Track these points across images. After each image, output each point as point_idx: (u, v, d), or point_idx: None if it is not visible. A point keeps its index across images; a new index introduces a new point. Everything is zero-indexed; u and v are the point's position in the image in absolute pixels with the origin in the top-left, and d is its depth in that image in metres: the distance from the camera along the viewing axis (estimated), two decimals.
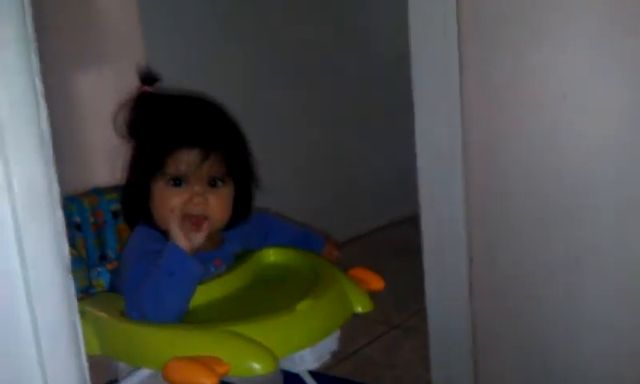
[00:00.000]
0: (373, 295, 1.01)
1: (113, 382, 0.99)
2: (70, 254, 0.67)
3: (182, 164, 0.98)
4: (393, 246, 2.47)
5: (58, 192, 0.65)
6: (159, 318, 0.89)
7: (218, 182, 1.02)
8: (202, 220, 0.98)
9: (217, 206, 1.01)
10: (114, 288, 1.06)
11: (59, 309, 0.65)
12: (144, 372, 0.93)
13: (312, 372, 1.10)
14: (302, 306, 0.91)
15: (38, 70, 0.62)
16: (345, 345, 0.98)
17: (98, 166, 1.39)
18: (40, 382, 0.63)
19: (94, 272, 1.06)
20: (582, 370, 1.30)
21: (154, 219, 1.02)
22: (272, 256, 1.13)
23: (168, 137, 1.00)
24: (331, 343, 0.93)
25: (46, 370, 0.63)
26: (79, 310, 0.68)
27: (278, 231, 1.20)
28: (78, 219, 1.07)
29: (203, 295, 0.96)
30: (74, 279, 0.67)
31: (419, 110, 1.38)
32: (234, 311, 0.94)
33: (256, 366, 0.82)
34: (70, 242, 0.88)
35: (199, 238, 0.96)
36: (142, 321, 0.90)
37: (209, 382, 0.78)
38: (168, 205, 0.98)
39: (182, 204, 0.98)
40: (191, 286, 0.94)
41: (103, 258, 1.11)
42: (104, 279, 1.08)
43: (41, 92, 0.62)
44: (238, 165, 1.04)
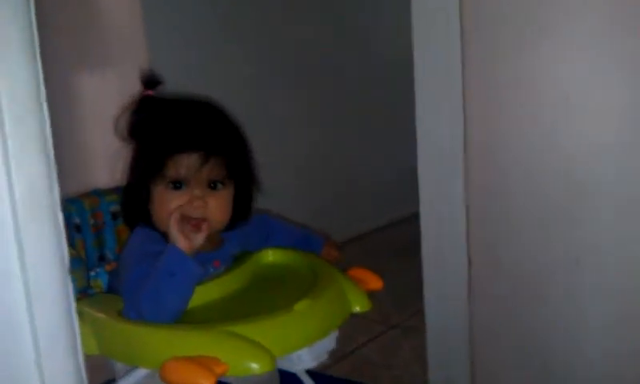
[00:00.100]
0: (371, 295, 1.01)
1: (110, 382, 0.99)
2: (69, 255, 0.67)
3: (182, 167, 0.98)
4: (392, 246, 2.47)
5: (58, 193, 0.65)
6: (157, 318, 0.89)
7: (218, 185, 1.02)
8: (201, 222, 0.98)
9: (216, 208, 1.01)
10: (113, 289, 1.06)
11: (58, 309, 0.66)
12: (141, 372, 0.93)
13: (310, 371, 1.10)
14: (299, 305, 0.91)
15: (40, 71, 0.62)
16: (343, 344, 0.99)
17: (99, 168, 1.40)
18: (37, 381, 0.63)
19: (93, 273, 1.06)
20: (581, 370, 1.30)
21: (153, 221, 1.02)
22: (271, 256, 1.13)
23: (168, 140, 1.00)
24: (329, 343, 0.93)
25: (43, 370, 0.64)
26: (77, 311, 0.68)
27: (279, 233, 1.20)
28: (77, 220, 1.07)
29: (202, 295, 0.96)
30: (72, 280, 0.67)
31: (421, 109, 1.38)
32: (232, 311, 0.94)
33: (254, 365, 0.82)
34: (69, 242, 0.88)
35: (199, 239, 0.96)
36: (139, 321, 0.90)
37: (207, 382, 0.77)
38: (168, 208, 0.99)
39: (181, 206, 0.98)
40: (191, 287, 0.94)
41: (102, 259, 1.11)
42: (102, 280, 1.08)
43: (43, 94, 0.63)
44: (238, 168, 1.04)
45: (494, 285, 1.37)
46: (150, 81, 1.05)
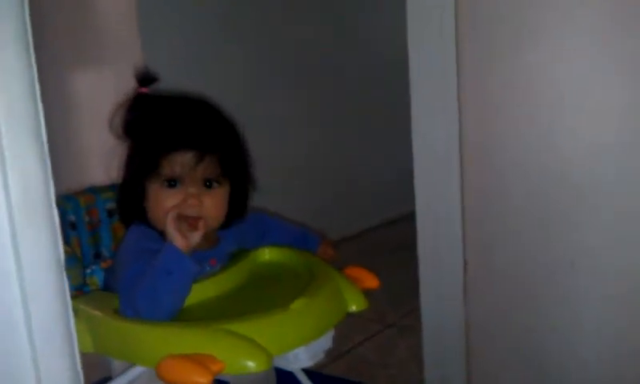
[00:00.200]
0: (367, 293, 1.01)
1: (106, 380, 0.99)
2: (65, 252, 0.67)
3: (176, 166, 0.98)
4: (391, 245, 2.47)
5: (53, 192, 0.65)
6: (153, 316, 0.89)
7: (213, 183, 1.02)
8: (198, 220, 0.98)
9: (211, 206, 1.01)
10: (108, 286, 1.06)
11: (53, 307, 0.66)
12: (137, 370, 0.93)
13: (306, 370, 1.10)
14: (296, 304, 0.91)
15: (36, 71, 0.62)
16: (339, 343, 0.99)
17: (94, 165, 1.40)
18: (33, 379, 0.63)
19: (89, 270, 1.07)
20: (576, 372, 1.30)
21: (149, 219, 1.02)
22: (267, 255, 1.13)
23: (163, 139, 1.00)
24: (325, 342, 0.93)
25: (39, 367, 0.64)
26: (73, 308, 0.68)
27: (275, 231, 1.20)
28: (72, 218, 1.07)
29: (198, 294, 0.96)
30: (67, 277, 0.68)
31: (416, 110, 1.38)
32: (229, 309, 0.94)
33: (250, 364, 0.82)
34: (65, 240, 0.88)
35: (196, 237, 0.96)
36: (135, 318, 0.90)
37: (203, 380, 0.77)
38: (163, 206, 0.99)
39: (177, 205, 0.98)
40: (187, 285, 0.94)
41: (98, 256, 1.11)
42: (98, 277, 1.08)
43: (39, 94, 0.63)
44: (233, 166, 1.04)
45: (489, 286, 1.37)
46: (145, 78, 1.05)
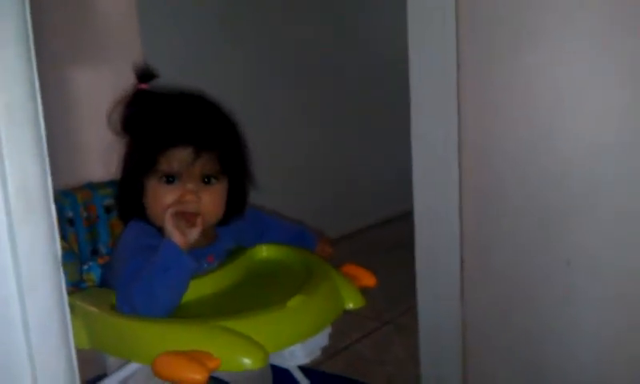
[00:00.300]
0: (364, 291, 1.01)
1: (102, 377, 0.99)
2: (62, 248, 0.67)
3: (174, 162, 0.99)
4: (388, 244, 2.46)
5: (51, 188, 0.65)
6: (150, 312, 0.90)
7: (212, 180, 1.02)
8: (195, 216, 0.98)
9: (210, 202, 1.01)
10: (105, 282, 1.06)
11: (50, 303, 0.66)
12: (133, 366, 0.93)
13: (302, 367, 1.10)
14: (293, 301, 0.91)
15: (36, 69, 0.62)
16: (336, 340, 0.98)
17: (93, 162, 1.40)
18: (29, 374, 0.63)
19: (86, 266, 1.07)
20: (574, 373, 1.30)
21: (147, 215, 1.02)
22: (264, 252, 1.13)
23: (161, 135, 1.00)
24: (322, 339, 0.93)
25: (35, 363, 0.64)
26: (69, 304, 0.68)
27: (273, 229, 1.20)
28: (70, 213, 1.07)
29: (195, 290, 0.96)
30: (64, 273, 0.68)
31: (416, 110, 1.38)
32: (226, 307, 0.95)
33: (246, 361, 0.81)
34: (62, 236, 0.89)
35: (194, 233, 0.96)
36: (132, 315, 0.90)
37: (199, 376, 0.77)
38: (161, 202, 0.99)
39: (175, 201, 0.99)
40: (185, 282, 0.94)
41: (95, 252, 1.11)
42: (95, 274, 1.07)
43: (38, 91, 0.63)
44: (231, 162, 1.04)
45: (486, 286, 1.37)
46: (144, 74, 1.05)
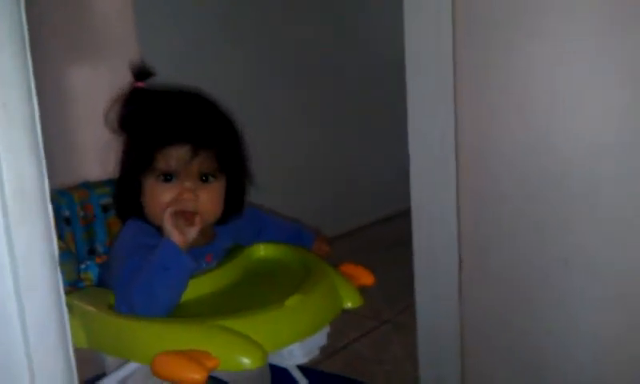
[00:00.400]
0: (363, 290, 1.01)
1: (100, 376, 0.99)
2: (59, 248, 0.68)
3: (172, 160, 0.98)
4: (386, 242, 2.45)
5: (48, 189, 0.65)
6: (149, 312, 0.89)
7: (210, 178, 1.02)
8: (193, 215, 0.98)
9: (207, 201, 1.01)
10: (103, 282, 1.06)
11: (47, 302, 0.66)
12: (131, 366, 0.93)
13: (301, 367, 1.10)
14: (291, 301, 0.91)
15: (31, 68, 0.62)
16: (334, 340, 0.98)
17: (89, 161, 1.40)
18: (27, 373, 0.63)
19: (83, 266, 1.07)
20: (572, 373, 1.30)
21: (145, 214, 1.02)
22: (262, 251, 1.13)
23: (158, 133, 1.00)
24: (320, 338, 0.93)
25: (33, 362, 0.64)
26: (67, 304, 0.68)
27: (271, 227, 1.20)
28: (67, 213, 1.07)
29: (193, 290, 0.96)
30: (61, 272, 0.68)
31: (413, 111, 1.38)
32: (224, 306, 0.95)
33: (245, 360, 0.81)
34: (59, 235, 0.88)
35: (192, 232, 0.96)
36: (130, 315, 0.90)
37: (198, 376, 0.77)
38: (159, 201, 0.99)
39: (173, 200, 0.98)
40: (184, 282, 0.94)
41: (92, 252, 1.11)
42: (92, 273, 1.07)
43: (34, 90, 0.63)
44: (229, 161, 1.04)
45: (485, 286, 1.37)
46: (141, 72, 1.05)
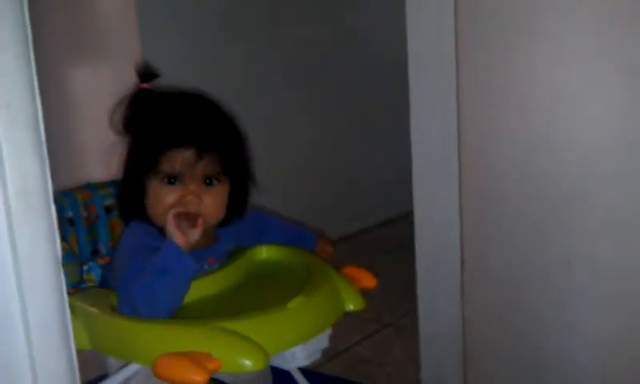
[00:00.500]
0: (364, 293, 1.01)
1: (102, 377, 0.99)
2: (62, 249, 0.67)
3: (176, 163, 0.98)
4: (388, 245, 2.46)
5: (51, 190, 0.65)
6: (152, 314, 0.89)
7: (213, 181, 1.02)
8: (196, 217, 0.98)
9: (211, 204, 1.01)
10: (106, 283, 1.06)
11: (50, 303, 0.65)
12: (133, 367, 0.93)
13: (303, 369, 1.10)
14: (293, 303, 0.91)
15: (34, 69, 0.62)
16: (336, 342, 0.98)
17: (92, 162, 1.40)
18: (29, 374, 0.63)
19: (86, 267, 1.06)
20: (572, 374, 1.30)
21: (149, 216, 1.02)
22: (265, 253, 1.13)
23: (163, 136, 1.00)
24: (322, 341, 0.93)
25: (35, 363, 0.63)
26: (69, 305, 0.68)
27: (273, 229, 1.20)
28: (70, 214, 1.07)
29: (195, 292, 0.96)
30: (64, 274, 0.68)
31: (415, 111, 1.38)
32: (226, 308, 0.94)
33: (247, 362, 0.81)
34: (62, 236, 0.88)
35: (195, 234, 0.96)
36: (132, 316, 0.90)
37: (199, 378, 0.77)
38: (162, 203, 0.99)
39: (176, 202, 0.98)
40: (186, 284, 0.94)
41: (95, 253, 1.11)
42: (95, 274, 1.07)
43: (37, 91, 0.63)
44: (233, 164, 1.04)
45: (486, 287, 1.37)
46: (146, 74, 1.05)
